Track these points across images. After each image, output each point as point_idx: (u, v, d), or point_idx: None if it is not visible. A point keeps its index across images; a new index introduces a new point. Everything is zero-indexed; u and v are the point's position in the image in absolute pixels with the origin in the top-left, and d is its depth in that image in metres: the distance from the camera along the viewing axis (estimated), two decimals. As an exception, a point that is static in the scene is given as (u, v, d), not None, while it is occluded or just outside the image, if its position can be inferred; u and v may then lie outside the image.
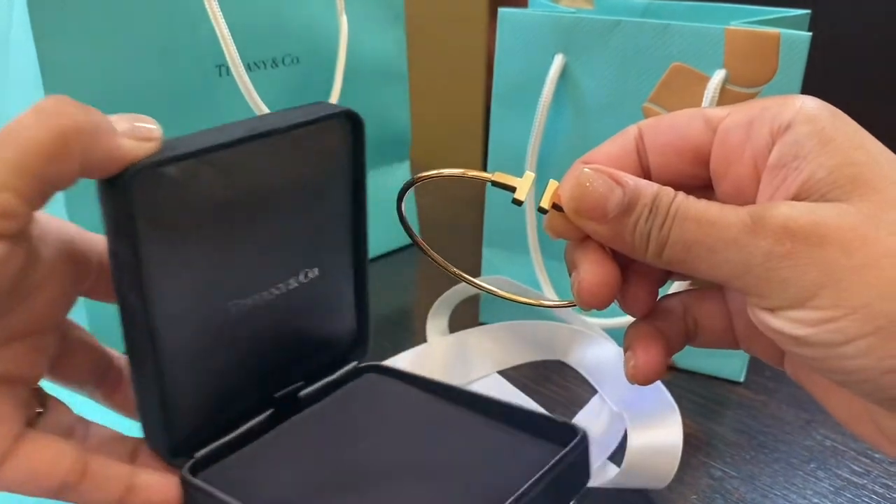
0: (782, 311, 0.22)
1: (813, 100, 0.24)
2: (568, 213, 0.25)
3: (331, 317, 0.37)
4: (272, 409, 0.35)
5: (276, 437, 0.34)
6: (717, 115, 0.26)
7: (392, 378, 0.38)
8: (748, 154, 0.24)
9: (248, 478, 0.32)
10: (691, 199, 0.24)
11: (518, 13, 0.51)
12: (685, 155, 0.26)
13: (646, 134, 0.27)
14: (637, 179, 0.24)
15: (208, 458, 0.32)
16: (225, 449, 0.33)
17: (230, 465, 0.32)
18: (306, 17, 0.57)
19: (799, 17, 0.49)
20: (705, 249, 0.23)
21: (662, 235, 0.24)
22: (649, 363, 0.27)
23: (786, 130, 0.23)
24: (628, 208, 0.24)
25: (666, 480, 0.40)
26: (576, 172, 0.25)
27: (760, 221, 0.22)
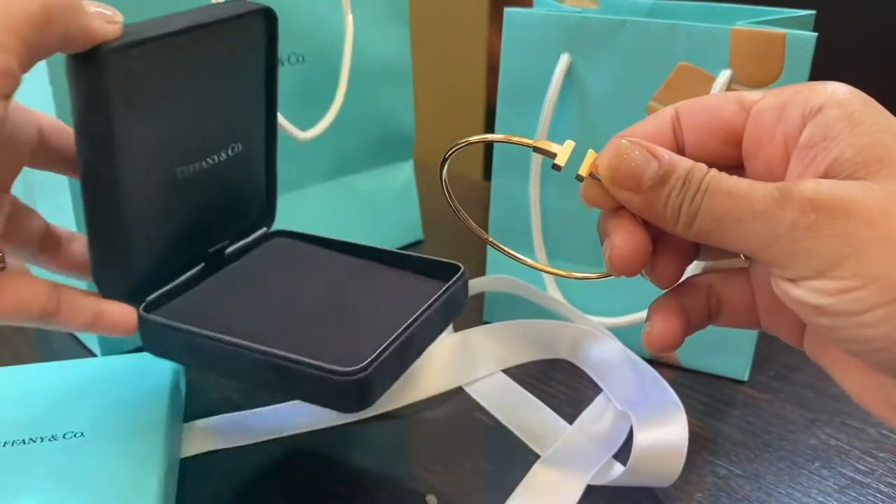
0: (804, 281, 0.23)
1: (844, 86, 0.25)
2: (605, 181, 0.26)
3: (249, 188, 0.45)
4: (204, 263, 0.44)
5: (209, 285, 0.43)
6: (751, 98, 0.27)
7: (298, 241, 0.48)
8: (780, 135, 0.26)
9: (190, 313, 0.40)
10: (723, 174, 0.25)
11: (524, 13, 0.51)
12: (718, 134, 0.27)
13: (682, 114, 0.28)
14: (672, 154, 0.26)
15: (157, 301, 0.40)
16: (170, 294, 0.41)
17: (175, 306, 0.41)
18: (312, 16, 0.57)
19: (804, 18, 0.49)
20: (734, 221, 0.24)
21: (693, 207, 0.25)
22: (665, 332, 0.28)
23: (817, 113, 0.24)
24: (662, 180, 0.25)
25: (671, 479, 0.40)
26: (615, 143, 0.26)
27: (788, 195, 0.23)
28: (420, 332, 0.39)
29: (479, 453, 0.45)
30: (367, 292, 0.43)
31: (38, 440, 0.40)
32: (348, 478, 0.43)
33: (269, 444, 0.45)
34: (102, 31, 0.31)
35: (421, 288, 0.43)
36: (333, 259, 0.46)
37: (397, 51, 0.65)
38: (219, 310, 0.41)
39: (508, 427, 0.47)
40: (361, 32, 0.59)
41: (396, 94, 0.66)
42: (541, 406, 0.49)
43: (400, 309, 0.40)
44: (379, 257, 0.46)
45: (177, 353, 0.39)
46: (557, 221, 0.54)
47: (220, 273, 0.44)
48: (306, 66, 0.58)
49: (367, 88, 0.63)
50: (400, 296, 0.42)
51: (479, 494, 0.42)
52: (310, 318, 0.41)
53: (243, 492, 0.42)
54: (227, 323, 0.39)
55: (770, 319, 0.29)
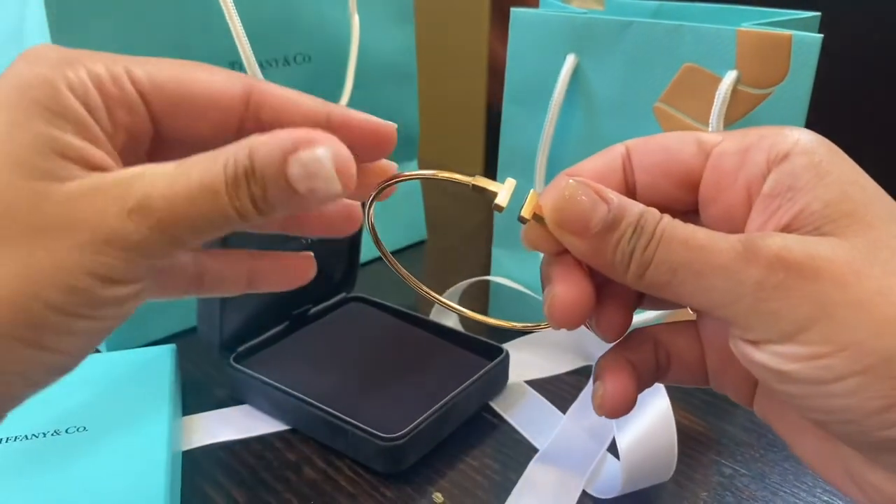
0: (768, 345, 0.22)
1: (810, 133, 0.24)
2: (549, 224, 0.24)
3: (334, 260, 0.54)
4: (288, 321, 0.52)
5: (291, 342, 0.51)
6: (711, 141, 0.25)
7: (372, 307, 0.56)
8: (741, 181, 0.24)
9: (271, 366, 0.48)
10: (678, 222, 0.23)
11: (530, 13, 0.51)
12: (674, 176, 0.26)
13: (634, 152, 0.26)
14: (622, 197, 0.24)
15: (245, 352, 0.49)
16: (257, 347, 0.49)
17: (260, 358, 0.49)
18: (318, 15, 0.57)
19: (809, 20, 0.50)
20: (692, 273, 0.22)
21: (647, 256, 0.23)
22: (618, 393, 0.26)
23: (783, 160, 0.23)
24: (612, 225, 0.23)
25: (669, 471, 0.41)
26: (560, 184, 0.24)
27: (753, 249, 0.21)
28: (458, 406, 0.45)
29: (484, 451, 0.45)
30: (420, 363, 0.49)
31: (42, 435, 0.40)
32: (354, 473, 0.43)
33: (271, 438, 0.45)
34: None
35: (467, 364, 0.49)
36: (398, 328, 0.53)
37: (402, 50, 0.65)
38: (295, 365, 0.49)
39: (506, 417, 0.47)
40: (367, 32, 0.60)
41: (401, 94, 0.66)
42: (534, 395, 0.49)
43: (444, 383, 0.46)
44: (437, 331, 0.52)
45: (253, 398, 0.47)
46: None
47: (302, 331, 0.52)
48: (312, 66, 0.58)
49: (373, 88, 0.63)
50: (447, 370, 0.48)
51: (484, 492, 0.42)
52: (368, 381, 0.47)
53: (245, 485, 0.42)
54: (299, 378, 0.47)
55: (719, 378, 0.27)
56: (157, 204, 0.20)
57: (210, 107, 0.23)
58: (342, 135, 0.22)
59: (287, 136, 0.21)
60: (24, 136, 0.20)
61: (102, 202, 0.20)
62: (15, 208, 0.19)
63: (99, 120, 0.21)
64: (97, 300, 0.20)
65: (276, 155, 0.20)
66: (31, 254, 0.19)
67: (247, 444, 0.45)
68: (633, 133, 0.51)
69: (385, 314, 0.55)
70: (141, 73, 0.22)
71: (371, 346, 0.52)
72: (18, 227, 0.19)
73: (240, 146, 0.21)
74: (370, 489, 0.42)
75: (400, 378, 0.48)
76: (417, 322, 0.54)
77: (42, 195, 0.20)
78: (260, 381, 0.46)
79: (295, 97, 0.25)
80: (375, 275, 0.61)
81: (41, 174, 0.20)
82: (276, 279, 0.29)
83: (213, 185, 0.20)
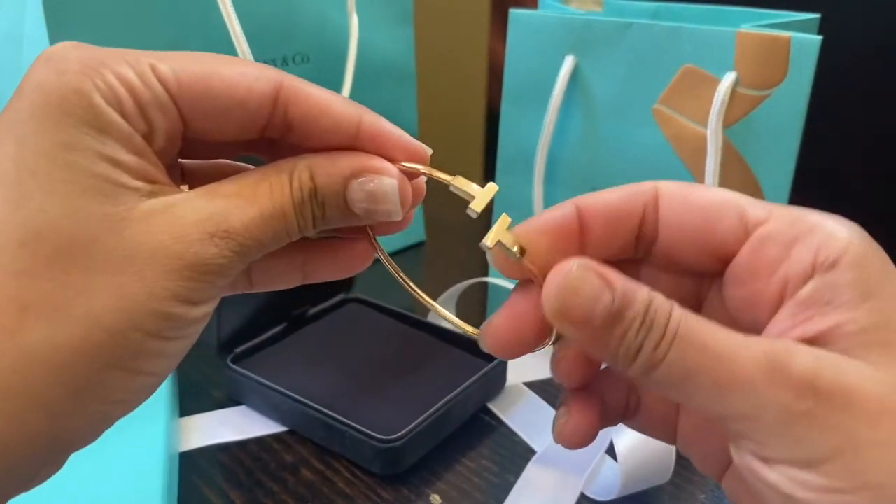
0: (784, 467, 0.20)
1: (863, 237, 0.21)
2: (547, 313, 0.21)
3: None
4: (286, 323, 0.52)
5: (289, 343, 0.51)
6: (756, 217, 0.23)
7: (370, 308, 0.56)
8: (780, 275, 0.22)
9: (269, 367, 0.48)
10: (692, 316, 0.21)
11: (530, 14, 0.51)
12: (705, 245, 0.23)
13: (664, 202, 0.24)
14: (625, 280, 0.21)
15: (243, 353, 0.49)
16: (255, 349, 0.49)
17: (258, 359, 0.49)
18: (317, 15, 0.57)
19: (808, 21, 0.50)
20: (709, 383, 0.20)
21: (657, 355, 0.20)
22: (581, 429, 0.25)
23: (829, 268, 0.21)
24: (616, 316, 0.20)
25: (667, 473, 0.41)
26: (564, 270, 0.21)
27: (781, 368, 0.20)
28: (456, 408, 0.45)
29: (482, 453, 0.45)
30: (418, 365, 0.50)
31: (42, 436, 0.39)
32: (351, 474, 0.43)
33: (269, 439, 0.45)
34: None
35: (466, 365, 0.49)
36: (397, 329, 0.54)
37: (402, 50, 0.65)
38: (293, 366, 0.49)
39: (503, 419, 0.47)
40: (366, 32, 0.60)
41: (400, 94, 0.66)
42: (533, 397, 0.49)
43: (443, 384, 0.46)
44: (435, 333, 0.52)
45: (251, 399, 0.47)
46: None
47: (300, 332, 0.52)
48: (311, 66, 0.58)
49: (372, 88, 0.63)
50: (445, 371, 0.48)
51: (482, 494, 0.42)
52: (366, 383, 0.48)
53: (243, 486, 0.42)
54: (297, 379, 0.47)
55: (688, 442, 0.26)
56: (237, 228, 0.21)
57: (237, 106, 0.22)
58: (371, 146, 0.23)
59: (347, 164, 0.22)
60: (80, 159, 0.20)
61: (181, 227, 0.20)
62: (96, 237, 0.19)
63: (137, 128, 0.21)
64: (186, 321, 0.21)
65: (337, 179, 0.22)
66: (123, 284, 0.19)
67: (244, 446, 0.45)
68: (632, 134, 0.51)
69: (383, 315, 0.55)
70: (167, 70, 0.21)
71: (369, 348, 0.52)
72: (103, 257, 0.19)
73: (299, 166, 0.22)
74: (368, 491, 0.42)
75: (398, 379, 0.48)
76: (415, 323, 0.54)
77: (119, 221, 0.20)
78: (257, 383, 0.46)
79: (326, 99, 0.23)
80: (374, 276, 0.60)
81: (111, 199, 0.20)
82: (333, 267, 0.27)
83: (283, 208, 0.22)
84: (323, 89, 0.23)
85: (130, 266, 0.20)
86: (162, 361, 0.21)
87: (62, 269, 0.19)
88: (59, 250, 0.19)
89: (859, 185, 0.92)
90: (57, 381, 0.19)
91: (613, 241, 0.24)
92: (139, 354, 0.20)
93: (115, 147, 0.20)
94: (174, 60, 0.21)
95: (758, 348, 0.20)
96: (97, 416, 0.20)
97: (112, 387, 0.20)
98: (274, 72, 0.23)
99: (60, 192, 0.19)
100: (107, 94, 0.20)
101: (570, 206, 0.24)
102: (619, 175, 0.51)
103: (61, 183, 0.19)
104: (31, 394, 0.19)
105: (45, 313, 0.19)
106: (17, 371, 0.19)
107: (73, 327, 0.19)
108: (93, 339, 0.19)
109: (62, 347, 0.19)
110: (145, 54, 0.21)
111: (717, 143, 0.46)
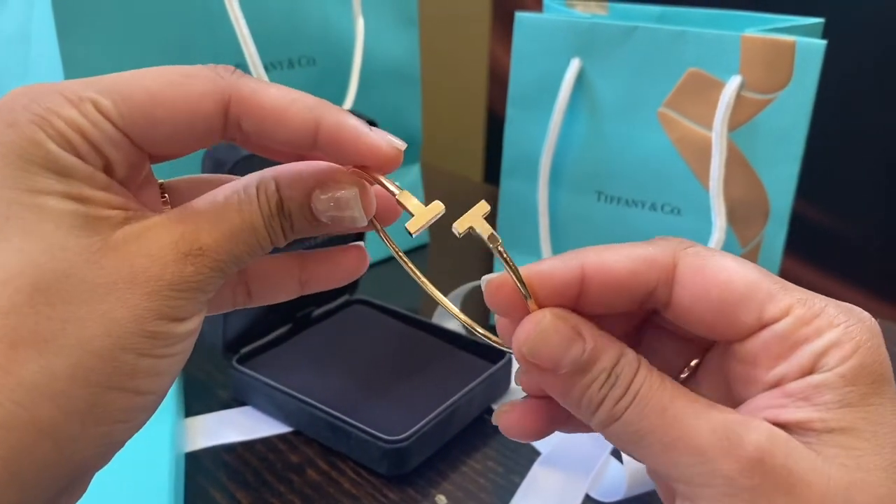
0: None
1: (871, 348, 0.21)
2: (516, 353, 0.22)
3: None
4: (291, 324, 0.52)
5: (294, 344, 0.52)
6: (772, 316, 0.22)
7: (374, 309, 0.56)
8: (778, 371, 0.22)
9: (274, 368, 0.48)
10: (656, 377, 0.21)
11: (535, 18, 0.52)
12: (711, 329, 0.23)
13: (682, 282, 0.23)
14: (600, 336, 0.22)
15: (248, 354, 0.49)
16: (260, 349, 0.50)
17: (263, 360, 0.49)
18: (323, 18, 0.57)
19: (813, 26, 0.50)
20: (661, 445, 0.21)
21: (616, 411, 0.21)
22: (524, 423, 0.25)
23: (822, 373, 0.21)
24: (584, 368, 0.21)
25: None
26: (536, 319, 0.22)
27: (735, 440, 0.20)
28: (461, 409, 0.45)
29: (487, 454, 0.45)
30: (422, 366, 0.50)
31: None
32: (357, 475, 0.43)
33: (274, 440, 0.45)
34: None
35: (470, 366, 0.49)
36: (401, 330, 0.54)
37: (406, 53, 0.65)
38: (298, 367, 0.49)
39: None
40: (371, 36, 0.60)
41: (405, 97, 0.67)
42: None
43: (448, 385, 0.46)
44: (440, 334, 0.53)
45: (257, 400, 0.48)
46: (565, 225, 0.54)
47: (305, 333, 0.53)
48: (316, 69, 0.58)
49: (377, 91, 0.63)
50: (450, 373, 0.49)
51: (487, 495, 0.42)
52: (371, 384, 0.48)
53: (248, 487, 0.42)
54: (302, 380, 0.47)
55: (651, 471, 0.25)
56: (209, 245, 0.21)
57: (185, 129, 0.22)
58: (329, 153, 0.23)
59: (311, 176, 0.23)
60: (49, 201, 0.20)
61: (157, 249, 0.21)
62: (75, 269, 0.20)
63: (95, 165, 0.21)
64: (173, 338, 0.21)
65: (301, 192, 0.23)
66: (107, 311, 0.20)
67: (250, 446, 0.45)
68: (637, 137, 0.52)
69: (388, 317, 0.55)
70: (109, 106, 0.21)
71: (374, 349, 0.52)
72: (85, 287, 0.20)
73: (265, 180, 0.22)
74: (373, 491, 0.42)
75: (403, 381, 0.48)
76: (420, 325, 0.54)
77: (96, 252, 0.20)
78: (263, 383, 0.46)
79: (280, 107, 0.22)
80: (378, 278, 0.61)
81: (86, 231, 0.20)
82: (329, 277, 0.28)
83: (253, 223, 0.22)
84: (280, 93, 0.23)
85: (112, 293, 0.20)
86: (157, 379, 0.22)
87: (46, 303, 0.20)
88: (40, 285, 0.20)
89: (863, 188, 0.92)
90: (58, 409, 0.20)
91: (614, 305, 0.23)
92: (134, 374, 0.21)
93: (80, 186, 0.21)
94: (115, 92, 0.21)
95: (718, 418, 0.21)
96: (102, 438, 0.21)
97: (112, 408, 0.21)
98: (223, 81, 0.22)
99: (36, 232, 0.20)
100: (59, 141, 0.21)
101: (575, 264, 0.23)
102: (624, 178, 0.51)
103: (36, 223, 0.20)
104: (36, 423, 0.19)
105: (35, 345, 0.19)
106: (18, 403, 0.19)
107: (66, 356, 0.20)
108: (86, 364, 0.20)
109: (59, 376, 0.20)
110: (85, 88, 0.21)
111: (722, 147, 0.46)
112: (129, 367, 0.20)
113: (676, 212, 0.51)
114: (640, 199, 0.51)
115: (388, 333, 0.54)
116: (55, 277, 0.20)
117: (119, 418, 0.21)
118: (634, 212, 0.52)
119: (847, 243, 0.95)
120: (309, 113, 0.22)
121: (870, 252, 0.94)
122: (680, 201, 0.50)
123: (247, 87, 0.22)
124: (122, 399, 0.21)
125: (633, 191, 0.51)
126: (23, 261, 0.20)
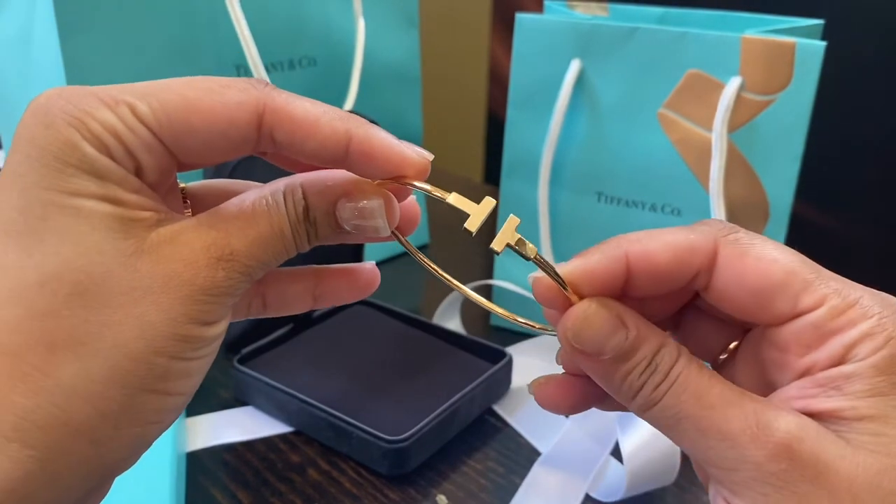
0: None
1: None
2: (561, 340, 0.24)
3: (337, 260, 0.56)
4: (293, 324, 0.52)
5: (295, 344, 0.52)
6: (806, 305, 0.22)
7: (376, 310, 0.56)
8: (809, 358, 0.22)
9: (276, 368, 0.48)
10: (695, 366, 0.22)
11: (536, 19, 0.52)
12: (748, 313, 0.24)
13: (722, 270, 0.23)
14: (643, 324, 0.23)
15: (249, 354, 0.49)
16: (262, 349, 0.50)
17: (264, 360, 0.50)
18: (324, 19, 0.58)
19: (813, 27, 0.50)
20: (696, 429, 0.22)
21: (655, 396, 0.22)
22: (561, 398, 0.25)
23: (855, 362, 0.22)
24: (626, 355, 0.22)
25: (672, 474, 0.41)
26: (584, 304, 0.23)
27: (764, 428, 0.21)
28: (462, 409, 0.45)
29: (488, 454, 0.45)
30: (424, 366, 0.50)
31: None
32: (357, 475, 0.43)
33: (275, 440, 0.45)
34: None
35: (471, 367, 0.49)
36: (402, 331, 0.54)
37: (407, 54, 0.66)
38: (299, 367, 0.49)
39: (508, 421, 0.48)
40: (372, 37, 0.60)
41: (405, 97, 0.67)
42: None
43: (448, 386, 0.46)
44: (441, 335, 0.53)
45: (258, 400, 0.48)
46: (566, 226, 0.54)
47: (306, 333, 0.53)
48: (317, 69, 0.58)
49: (377, 91, 0.63)
50: (451, 373, 0.49)
51: (488, 495, 0.42)
52: (372, 384, 0.48)
53: (249, 487, 0.42)
54: (303, 380, 0.47)
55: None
56: (239, 250, 0.22)
57: (220, 139, 0.22)
58: (363, 164, 0.23)
59: (338, 185, 0.23)
60: (85, 202, 0.21)
61: (190, 254, 0.21)
62: (111, 272, 0.20)
63: (128, 169, 0.21)
64: (204, 341, 0.22)
65: (328, 200, 0.23)
66: (142, 314, 0.20)
67: (251, 446, 0.45)
68: (637, 138, 0.52)
69: (389, 317, 0.56)
70: (146, 110, 0.21)
71: (375, 349, 0.52)
72: (121, 290, 0.20)
73: (292, 186, 0.23)
74: (374, 491, 0.42)
75: (404, 381, 0.48)
76: (421, 325, 0.54)
77: (131, 255, 0.21)
78: (264, 383, 0.46)
79: (312, 120, 0.22)
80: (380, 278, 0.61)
81: (121, 234, 0.21)
82: (343, 293, 0.29)
83: (282, 228, 0.23)
84: (312, 105, 0.23)
85: (147, 296, 0.21)
86: (187, 381, 0.22)
87: (82, 306, 0.20)
88: (77, 288, 0.20)
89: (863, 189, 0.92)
90: (95, 411, 0.20)
91: (656, 290, 0.24)
92: (166, 377, 0.21)
93: (115, 188, 0.21)
94: (152, 97, 0.22)
95: (750, 406, 0.22)
96: (135, 438, 0.21)
97: (146, 410, 0.21)
98: (257, 92, 0.22)
99: (72, 234, 0.20)
100: (95, 143, 0.21)
101: (620, 252, 0.24)
102: (625, 179, 0.51)
103: (72, 225, 0.20)
104: (74, 425, 0.20)
105: (72, 348, 0.20)
106: (56, 405, 0.20)
107: (102, 359, 0.20)
108: (121, 367, 0.20)
109: (95, 378, 0.20)
110: (121, 92, 0.21)
111: (722, 148, 0.46)
112: (161, 370, 0.21)
113: (676, 212, 0.51)
114: (640, 200, 0.51)
115: (388, 334, 0.54)
116: (92, 280, 0.20)
117: (151, 419, 0.22)
118: (635, 212, 0.52)
119: (847, 243, 0.95)
120: (341, 124, 0.23)
121: (870, 252, 0.94)
122: (680, 202, 0.50)
123: (280, 97, 0.23)
124: (155, 401, 0.21)
125: (634, 191, 0.51)
126: (59, 263, 0.20)
